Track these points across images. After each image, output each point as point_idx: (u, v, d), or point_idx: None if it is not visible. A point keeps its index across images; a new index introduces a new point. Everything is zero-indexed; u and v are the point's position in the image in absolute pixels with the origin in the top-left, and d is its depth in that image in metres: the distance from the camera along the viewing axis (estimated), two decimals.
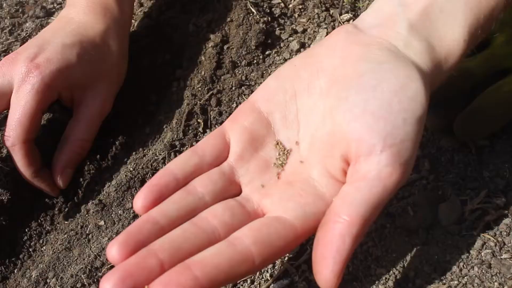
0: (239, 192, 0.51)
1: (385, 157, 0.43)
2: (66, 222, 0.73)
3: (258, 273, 0.61)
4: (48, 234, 0.73)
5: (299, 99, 0.52)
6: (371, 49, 0.49)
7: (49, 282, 0.66)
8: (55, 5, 0.94)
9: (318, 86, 0.50)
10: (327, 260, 0.42)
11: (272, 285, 0.60)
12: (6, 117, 0.74)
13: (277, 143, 0.53)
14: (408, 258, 0.59)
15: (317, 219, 0.45)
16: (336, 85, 0.49)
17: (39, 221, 0.74)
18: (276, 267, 0.61)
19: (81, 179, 0.76)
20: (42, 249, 0.72)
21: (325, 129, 0.48)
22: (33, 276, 0.67)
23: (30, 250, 0.72)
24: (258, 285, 0.60)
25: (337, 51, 0.51)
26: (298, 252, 0.61)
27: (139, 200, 0.48)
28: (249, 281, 0.60)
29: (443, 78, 0.51)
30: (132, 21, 0.89)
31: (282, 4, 0.85)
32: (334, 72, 0.49)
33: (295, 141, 0.52)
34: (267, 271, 0.61)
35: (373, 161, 0.44)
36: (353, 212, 0.43)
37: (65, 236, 0.70)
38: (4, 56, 0.85)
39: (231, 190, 0.51)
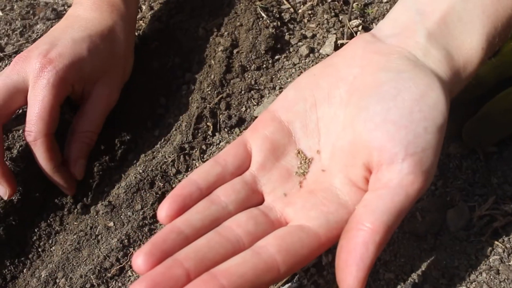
0: (261, 201, 0.51)
1: (407, 166, 0.44)
2: (75, 223, 0.73)
3: None
4: (57, 234, 0.73)
5: (319, 108, 0.52)
6: (391, 58, 0.49)
7: (59, 282, 0.67)
8: (65, 7, 0.95)
9: (338, 95, 0.51)
10: (351, 268, 0.42)
11: (281, 287, 0.60)
12: (19, 115, 0.75)
13: (298, 152, 0.53)
14: (416, 263, 0.60)
15: (340, 227, 0.46)
16: (356, 94, 0.49)
17: (49, 221, 0.74)
18: None
19: (90, 180, 0.77)
20: (51, 249, 0.72)
21: (346, 138, 0.49)
22: (43, 276, 0.67)
23: (39, 250, 0.72)
24: None
25: (356, 60, 0.51)
26: None
27: (163, 210, 0.48)
28: None
29: (461, 86, 0.51)
30: (142, 24, 0.90)
31: (292, 9, 0.85)
32: (353, 81, 0.50)
33: (316, 150, 0.52)
34: None
35: (395, 170, 0.44)
36: (376, 220, 0.43)
37: (75, 236, 0.70)
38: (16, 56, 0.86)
39: (253, 199, 0.51)
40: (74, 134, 0.73)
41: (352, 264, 0.43)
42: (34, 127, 0.68)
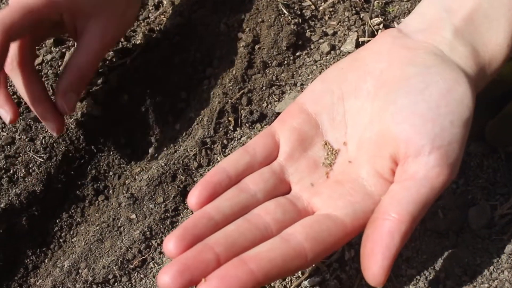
0: (288, 191, 0.52)
1: (433, 158, 0.45)
2: (96, 215, 0.74)
3: None
4: (78, 225, 0.74)
5: (346, 101, 0.53)
6: (418, 53, 0.50)
7: (81, 273, 0.67)
8: None
9: (365, 89, 0.51)
10: (376, 256, 0.43)
11: (303, 282, 0.60)
12: None
13: (326, 143, 0.54)
14: (438, 260, 0.60)
15: (366, 217, 0.46)
16: (383, 88, 0.50)
17: (70, 212, 0.75)
18: None
19: (111, 173, 0.78)
20: (72, 240, 0.73)
21: (373, 130, 0.49)
22: (65, 266, 0.68)
23: (61, 241, 0.73)
24: (289, 282, 0.61)
25: (383, 55, 0.52)
26: None
27: (194, 197, 0.49)
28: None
29: (486, 81, 0.52)
30: (164, 18, 0.90)
31: (313, 7, 0.86)
32: (381, 75, 0.50)
33: (343, 142, 0.53)
34: None
35: (421, 162, 0.45)
36: (402, 210, 0.44)
37: (97, 228, 0.71)
38: (38, 49, 0.87)
39: (281, 188, 0.51)
40: (67, 68, 0.70)
41: (377, 252, 0.43)
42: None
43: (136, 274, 0.66)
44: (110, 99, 0.81)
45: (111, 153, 0.79)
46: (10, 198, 0.72)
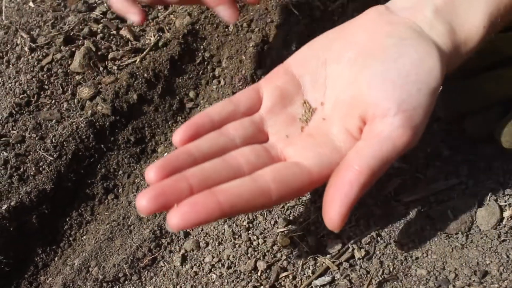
0: (266, 141, 0.56)
1: (398, 120, 0.48)
2: (106, 213, 0.74)
3: (300, 269, 0.62)
4: (88, 224, 0.74)
5: (328, 66, 0.56)
6: (398, 27, 0.53)
7: (91, 271, 0.68)
8: (96, 0, 0.96)
9: (347, 57, 0.54)
10: (335, 203, 0.47)
11: (314, 281, 0.61)
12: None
13: (304, 102, 0.57)
14: (448, 260, 0.60)
15: (332, 168, 0.49)
16: (362, 56, 0.53)
17: (80, 211, 0.75)
18: (317, 264, 0.62)
19: (120, 172, 0.78)
20: (82, 238, 0.73)
21: (348, 92, 0.53)
22: (76, 264, 0.68)
23: (70, 239, 0.74)
24: (300, 281, 0.61)
25: (367, 28, 0.55)
26: (339, 250, 0.62)
27: (178, 135, 0.53)
28: (291, 276, 0.62)
29: (462, 60, 0.55)
30: (173, 18, 0.91)
31: (322, 7, 0.86)
32: (363, 45, 0.53)
33: (321, 102, 0.56)
34: (309, 268, 0.62)
35: (387, 122, 0.48)
36: (363, 164, 0.47)
37: (107, 226, 0.71)
38: (47, 48, 0.87)
39: (259, 137, 0.55)
40: None
41: (337, 199, 0.47)
42: None
43: (146, 273, 0.67)
44: (120, 98, 0.81)
45: (121, 152, 0.79)
46: (20, 196, 0.73)
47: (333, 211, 0.47)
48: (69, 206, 0.76)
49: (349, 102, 0.52)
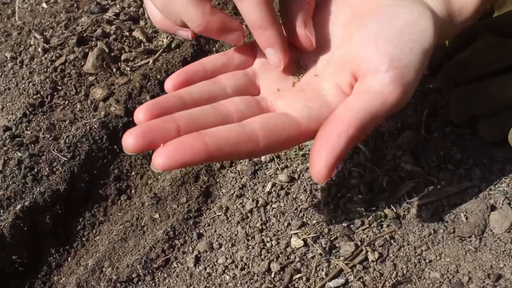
0: (257, 94, 0.55)
1: (389, 76, 0.48)
2: (119, 214, 0.75)
3: (313, 271, 0.62)
4: (101, 224, 0.75)
5: (323, 27, 0.56)
6: None
7: (105, 271, 0.68)
8: (109, 1, 0.97)
9: (343, 18, 0.54)
10: (322, 154, 0.46)
11: (327, 283, 0.61)
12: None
13: (298, 60, 0.56)
14: (461, 263, 0.61)
15: (320, 122, 0.49)
16: (358, 17, 0.53)
17: (93, 211, 0.76)
18: (331, 266, 0.62)
19: (133, 173, 0.78)
20: (95, 239, 0.74)
21: (342, 50, 0.53)
22: (89, 264, 0.69)
23: (84, 239, 0.74)
24: (313, 283, 0.61)
25: None
26: (353, 253, 0.63)
27: (170, 81, 0.53)
28: (304, 278, 0.62)
29: (456, 30, 0.56)
30: None
31: None
32: (359, 6, 0.54)
33: (314, 60, 0.56)
34: (323, 270, 0.62)
35: (377, 78, 0.48)
36: (353, 116, 0.47)
37: (121, 227, 0.71)
38: (60, 49, 0.88)
39: (251, 89, 0.55)
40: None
41: (324, 151, 0.46)
42: None
43: (159, 274, 0.67)
44: (133, 99, 0.81)
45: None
46: (34, 196, 0.73)
47: (320, 163, 0.46)
48: (82, 206, 0.76)
49: (342, 59, 0.52)
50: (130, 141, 0.44)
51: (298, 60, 0.56)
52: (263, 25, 0.52)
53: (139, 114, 0.48)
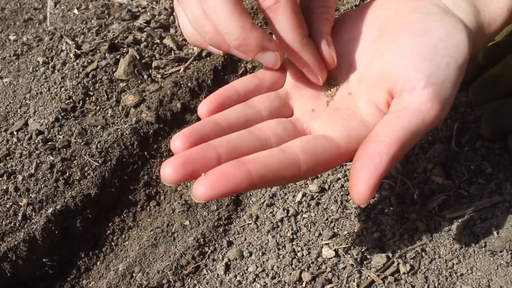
0: (291, 115, 0.55)
1: (427, 93, 0.47)
2: (148, 220, 0.75)
3: (345, 281, 0.62)
4: (130, 230, 0.76)
5: (352, 44, 0.55)
6: (422, 3, 0.53)
7: (135, 276, 0.69)
8: (139, 9, 0.98)
9: (371, 33, 0.54)
10: (364, 174, 0.45)
11: None
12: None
13: (329, 78, 0.56)
14: (493, 277, 0.61)
15: (359, 142, 0.48)
16: (388, 31, 0.52)
17: (122, 216, 0.76)
18: (362, 277, 0.63)
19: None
20: (124, 244, 0.74)
21: (374, 67, 0.52)
22: (120, 269, 0.69)
23: (113, 244, 0.75)
24: None
25: (390, 4, 0.55)
26: (384, 264, 0.63)
27: (204, 106, 0.52)
28: None
29: (485, 42, 0.55)
30: None
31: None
32: (386, 21, 0.53)
33: (345, 78, 0.55)
34: (354, 281, 0.62)
35: (415, 96, 0.47)
36: (393, 135, 0.46)
37: (151, 233, 0.72)
38: (92, 55, 0.89)
39: (284, 111, 0.54)
40: (309, 10, 0.57)
41: (366, 171, 0.45)
42: None
43: (189, 280, 0.68)
44: (164, 106, 0.82)
45: (164, 159, 0.80)
46: (65, 200, 0.74)
47: (361, 184, 0.45)
48: (112, 211, 0.77)
49: (376, 76, 0.51)
50: (169, 171, 0.42)
51: (329, 79, 0.56)
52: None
53: (176, 142, 0.46)
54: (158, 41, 0.92)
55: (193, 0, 0.50)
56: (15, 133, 0.81)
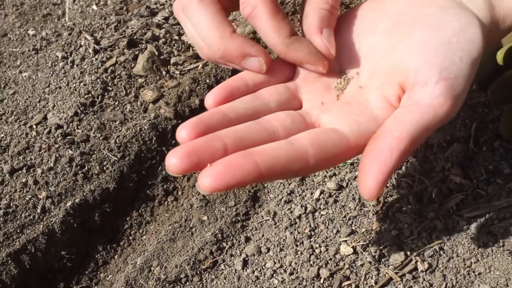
0: (300, 108, 0.54)
1: (439, 88, 0.46)
2: (166, 215, 0.76)
3: (363, 278, 0.63)
4: (147, 224, 0.76)
5: (363, 38, 0.55)
6: None
7: (153, 270, 0.69)
8: (158, 5, 0.98)
9: (382, 27, 0.53)
10: (373, 170, 0.44)
11: None
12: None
13: (340, 71, 0.55)
14: (511, 277, 0.61)
15: (369, 136, 0.48)
16: (401, 26, 0.52)
17: (140, 211, 0.77)
18: (380, 274, 0.63)
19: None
20: (142, 238, 0.75)
21: (386, 61, 0.51)
22: (138, 263, 0.70)
23: (130, 238, 0.75)
24: None
25: None
26: (402, 262, 0.63)
27: (211, 96, 0.50)
28: (354, 285, 0.63)
29: (499, 37, 0.55)
30: (235, 26, 0.92)
31: None
32: (398, 15, 0.53)
33: (356, 72, 0.55)
34: (372, 278, 0.63)
35: (427, 90, 0.47)
36: (404, 130, 0.45)
37: (170, 227, 0.72)
38: (111, 51, 0.90)
39: (293, 104, 0.53)
40: (309, 4, 0.56)
41: (375, 166, 0.44)
42: None
43: (207, 275, 0.68)
44: (182, 102, 0.83)
45: None
46: (84, 194, 0.75)
47: (370, 179, 0.44)
48: (130, 206, 0.77)
49: (387, 70, 0.51)
50: (174, 161, 0.41)
51: (340, 72, 0.55)
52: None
53: (182, 132, 0.45)
54: (176, 37, 0.92)
55: (184, 20, 0.52)
56: (34, 126, 0.82)
